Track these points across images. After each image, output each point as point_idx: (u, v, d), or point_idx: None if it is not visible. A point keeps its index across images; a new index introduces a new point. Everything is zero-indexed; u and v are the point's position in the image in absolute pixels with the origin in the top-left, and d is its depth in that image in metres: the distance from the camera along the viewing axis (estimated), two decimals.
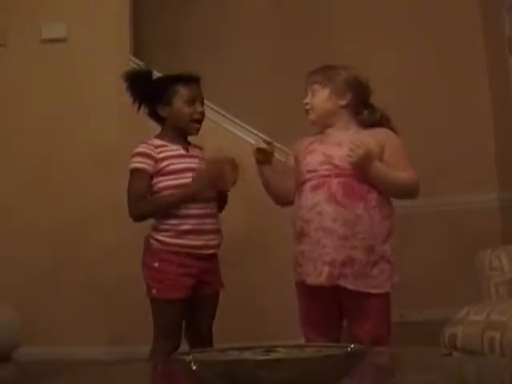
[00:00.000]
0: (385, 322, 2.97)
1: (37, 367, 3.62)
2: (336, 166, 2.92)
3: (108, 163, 4.66)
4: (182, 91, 3.35)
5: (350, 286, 2.85)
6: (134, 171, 3.29)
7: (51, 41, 4.91)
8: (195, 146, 3.45)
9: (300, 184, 3.01)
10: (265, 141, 3.19)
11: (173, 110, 3.35)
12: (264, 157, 3.12)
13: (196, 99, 3.36)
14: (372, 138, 2.95)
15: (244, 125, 4.74)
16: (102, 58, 4.87)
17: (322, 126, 3.09)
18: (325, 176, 2.92)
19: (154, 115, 3.42)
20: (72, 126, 4.83)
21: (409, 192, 3.01)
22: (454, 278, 5.02)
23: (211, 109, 4.51)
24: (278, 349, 1.50)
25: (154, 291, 3.24)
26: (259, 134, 4.71)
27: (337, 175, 2.91)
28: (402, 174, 2.94)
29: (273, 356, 1.44)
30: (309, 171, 2.98)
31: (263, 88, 5.80)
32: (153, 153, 3.28)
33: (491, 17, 5.57)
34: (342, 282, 2.84)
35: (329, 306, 2.97)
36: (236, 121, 4.77)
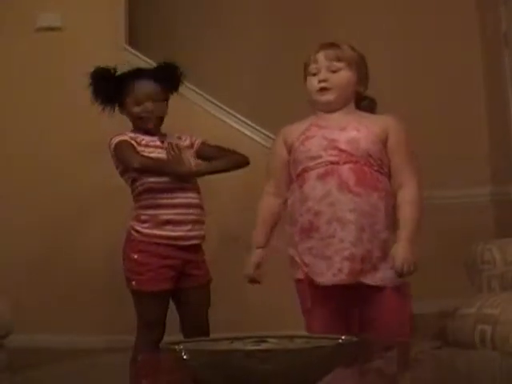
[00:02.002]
0: (408, 317, 2.73)
1: (28, 355, 3.62)
2: (343, 151, 2.66)
3: (100, 152, 4.64)
4: (132, 90, 3.33)
5: (371, 282, 2.63)
6: (119, 144, 3.31)
7: (46, 30, 4.90)
8: (179, 138, 3.43)
9: (300, 173, 2.73)
10: (251, 280, 2.89)
11: (125, 110, 3.39)
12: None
13: (145, 97, 3.32)
14: (375, 123, 2.74)
15: (235, 113, 4.75)
16: (96, 47, 4.85)
17: (330, 109, 2.78)
18: (332, 163, 2.66)
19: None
20: (66, 114, 4.82)
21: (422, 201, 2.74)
22: (446, 271, 5.02)
23: (204, 97, 4.53)
24: (268, 339, 1.50)
25: (133, 283, 3.22)
26: (247, 121, 4.72)
27: (345, 161, 2.65)
28: (412, 207, 2.68)
29: (263, 346, 1.44)
30: (311, 158, 2.70)
31: (258, 76, 5.79)
32: (132, 140, 3.31)
33: (487, 10, 5.56)
34: (364, 278, 2.63)
35: (345, 306, 2.73)
36: (226, 108, 4.76)
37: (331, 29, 5.71)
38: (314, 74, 2.79)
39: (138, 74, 3.38)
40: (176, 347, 1.39)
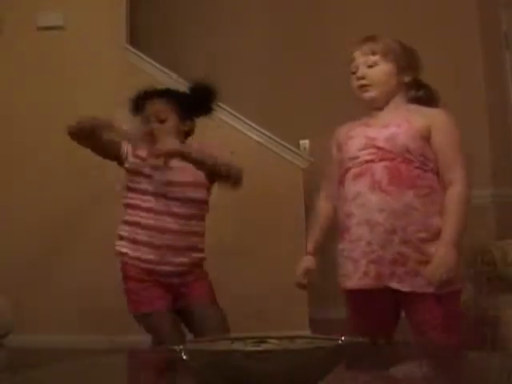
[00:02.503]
0: (452, 327, 2.52)
1: (28, 355, 3.61)
2: (380, 149, 2.55)
3: None
4: (145, 110, 3.26)
5: (404, 288, 2.48)
6: None
7: (47, 28, 4.91)
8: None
9: (343, 174, 2.64)
10: (298, 285, 2.82)
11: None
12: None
13: (151, 116, 3.23)
14: (420, 117, 2.58)
15: (238, 115, 4.75)
16: (98, 46, 4.86)
17: (378, 105, 2.67)
18: (367, 161, 2.56)
19: None
20: (67, 113, 4.81)
21: (469, 200, 2.57)
22: None
23: None
24: (269, 340, 1.49)
25: (130, 307, 3.14)
26: (253, 124, 4.73)
27: (381, 159, 2.54)
28: (457, 206, 2.52)
29: (263, 347, 1.44)
30: (350, 158, 2.61)
31: (259, 76, 5.79)
32: (126, 145, 3.23)
33: (488, 12, 5.56)
34: (394, 284, 2.48)
35: (384, 312, 2.60)
36: (230, 110, 4.76)
37: (331, 28, 5.73)
38: (354, 73, 2.67)
39: (145, 94, 3.32)
40: (176, 347, 1.38)
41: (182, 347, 1.37)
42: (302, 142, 5.60)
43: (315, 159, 4.90)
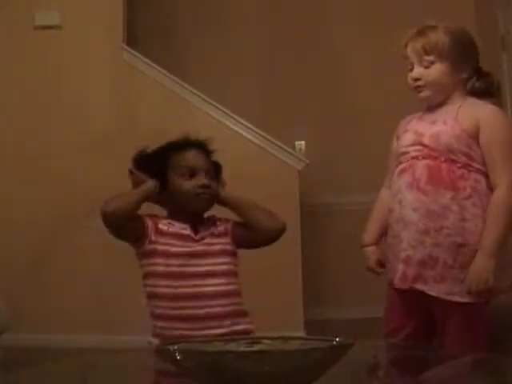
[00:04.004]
0: (478, 339, 2.45)
1: (23, 354, 3.62)
2: (425, 146, 2.48)
3: (98, 151, 4.65)
4: (177, 162, 2.56)
5: (429, 292, 2.42)
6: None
7: (44, 28, 4.90)
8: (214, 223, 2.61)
9: (395, 167, 2.60)
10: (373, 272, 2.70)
11: (171, 186, 2.55)
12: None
13: (196, 169, 2.54)
14: (469, 115, 2.48)
15: (234, 115, 4.76)
16: (94, 46, 4.87)
17: (433, 103, 2.58)
18: (413, 158, 2.50)
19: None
20: (63, 112, 4.82)
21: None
22: None
23: (200, 97, 4.53)
24: (262, 341, 1.49)
25: None
26: (248, 125, 4.73)
27: (425, 157, 2.47)
28: (498, 211, 2.40)
29: (256, 348, 1.44)
30: (402, 153, 2.56)
31: (255, 77, 5.80)
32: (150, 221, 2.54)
33: (485, 14, 5.57)
34: (420, 286, 2.42)
35: (420, 314, 2.54)
36: (226, 111, 4.77)
37: (328, 30, 5.74)
38: (410, 70, 2.59)
39: (177, 144, 2.62)
40: (170, 347, 1.38)
41: (175, 347, 1.37)
42: (297, 143, 5.61)
43: (311, 161, 4.91)
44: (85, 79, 4.85)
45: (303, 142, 5.64)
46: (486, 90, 2.59)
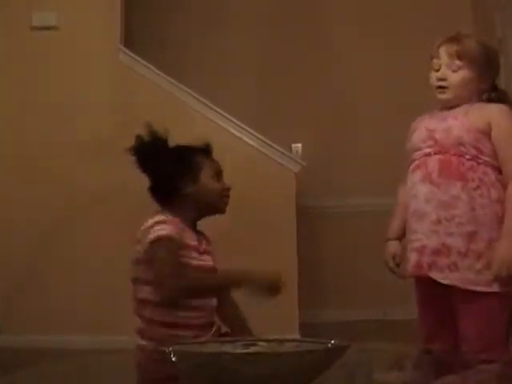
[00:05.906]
0: (495, 328, 2.50)
1: (16, 355, 3.62)
2: (436, 142, 2.57)
3: (96, 152, 4.66)
4: (208, 164, 2.66)
5: (444, 280, 2.49)
6: (158, 240, 2.47)
7: (41, 28, 4.90)
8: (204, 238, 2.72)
9: (409, 164, 2.66)
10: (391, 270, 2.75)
11: (199, 186, 2.62)
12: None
13: (221, 174, 2.69)
14: (479, 113, 2.57)
15: (231, 117, 4.77)
16: (91, 47, 4.87)
17: (450, 105, 2.65)
18: (426, 155, 2.59)
19: (168, 193, 2.63)
20: (61, 113, 4.82)
21: None
22: None
23: (197, 99, 4.53)
24: (258, 343, 1.50)
25: None
26: (245, 127, 4.74)
27: (436, 152, 2.56)
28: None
29: (252, 349, 1.45)
30: (414, 149, 2.64)
31: (252, 79, 5.81)
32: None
33: (482, 17, 5.58)
34: (434, 274, 2.50)
35: (439, 305, 2.59)
36: (223, 113, 4.78)
37: (325, 32, 5.75)
38: (436, 70, 2.66)
39: (204, 149, 2.72)
40: (165, 349, 1.39)
41: (171, 349, 1.38)
42: (294, 145, 5.61)
43: (307, 163, 4.91)
44: (82, 80, 4.85)
45: (300, 145, 5.65)
46: (500, 102, 2.65)
